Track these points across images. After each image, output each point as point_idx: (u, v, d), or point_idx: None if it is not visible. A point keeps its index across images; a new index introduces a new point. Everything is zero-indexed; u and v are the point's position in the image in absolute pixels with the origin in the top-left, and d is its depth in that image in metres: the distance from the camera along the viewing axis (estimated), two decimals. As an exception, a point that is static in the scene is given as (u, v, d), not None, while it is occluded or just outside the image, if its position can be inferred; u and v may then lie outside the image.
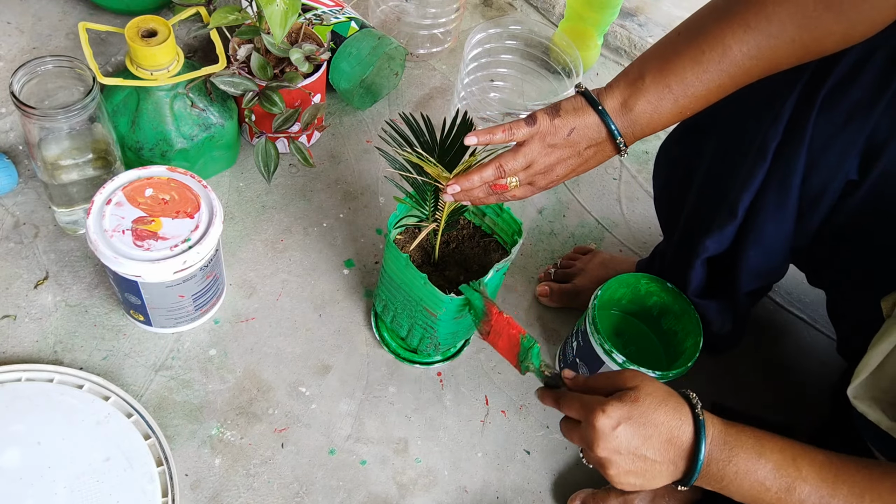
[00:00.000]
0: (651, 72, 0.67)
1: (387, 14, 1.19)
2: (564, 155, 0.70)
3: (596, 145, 0.70)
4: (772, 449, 0.59)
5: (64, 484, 0.76)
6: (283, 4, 0.82)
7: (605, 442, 0.60)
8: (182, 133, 0.93)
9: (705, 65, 0.64)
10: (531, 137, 0.69)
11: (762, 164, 0.70)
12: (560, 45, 1.05)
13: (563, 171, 0.72)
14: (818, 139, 0.67)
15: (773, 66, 0.64)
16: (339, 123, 1.12)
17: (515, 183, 0.72)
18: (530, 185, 0.73)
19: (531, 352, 0.68)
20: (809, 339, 1.03)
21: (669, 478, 0.61)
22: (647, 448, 0.60)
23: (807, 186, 0.70)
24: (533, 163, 0.70)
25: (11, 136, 1.01)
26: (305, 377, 0.89)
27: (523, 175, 0.72)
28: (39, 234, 0.94)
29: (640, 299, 0.89)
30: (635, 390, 0.61)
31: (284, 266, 0.97)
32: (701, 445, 0.59)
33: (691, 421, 0.60)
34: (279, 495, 0.81)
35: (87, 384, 0.82)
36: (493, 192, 0.73)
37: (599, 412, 0.60)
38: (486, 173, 0.71)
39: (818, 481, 0.57)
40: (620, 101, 0.68)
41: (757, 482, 0.58)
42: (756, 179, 0.71)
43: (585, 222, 1.09)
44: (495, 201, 0.75)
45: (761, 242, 0.75)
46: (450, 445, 0.87)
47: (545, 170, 0.71)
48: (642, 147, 1.18)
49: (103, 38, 1.12)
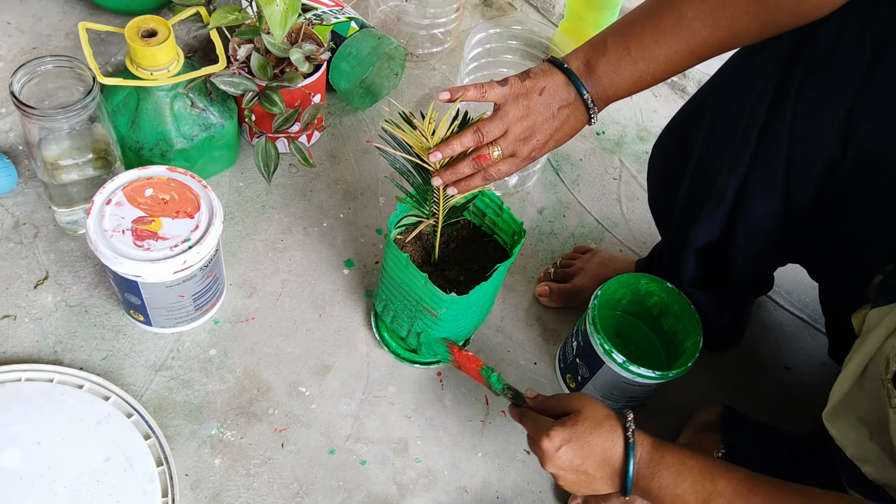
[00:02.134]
0: (612, 35, 0.71)
1: (387, 14, 1.19)
2: (540, 118, 0.72)
3: (568, 106, 0.72)
4: (692, 466, 0.65)
5: (64, 484, 0.76)
6: (283, 4, 0.82)
7: (550, 461, 0.69)
8: (182, 133, 0.93)
9: (662, 30, 0.68)
10: (505, 101, 0.71)
11: (747, 147, 0.71)
12: (560, 45, 1.05)
13: (542, 136, 0.73)
14: (800, 118, 0.67)
15: (731, 37, 0.67)
16: (339, 123, 1.12)
17: (498, 154, 0.73)
18: (513, 157, 0.74)
19: (490, 380, 0.78)
20: (810, 340, 1.03)
21: (611, 488, 0.69)
22: (586, 465, 0.68)
23: (792, 166, 0.70)
24: (510, 128, 0.72)
25: (11, 136, 1.01)
26: (305, 377, 0.89)
27: (504, 144, 0.72)
28: (39, 234, 0.94)
29: (640, 299, 0.89)
30: (576, 414, 0.69)
31: (284, 266, 0.97)
32: (629, 464, 0.67)
33: (622, 442, 0.68)
34: (279, 495, 0.81)
35: (87, 384, 0.82)
36: (478, 164, 0.73)
37: (545, 436, 0.69)
38: (465, 138, 0.72)
39: (732, 495, 0.63)
40: (583, 61, 0.72)
41: (677, 496, 0.65)
42: (742, 163, 0.72)
43: (585, 222, 1.09)
44: (481, 182, 0.75)
45: (751, 227, 0.75)
46: (450, 445, 0.87)
47: (524, 135, 0.72)
48: (642, 147, 1.18)
49: (103, 38, 1.12)
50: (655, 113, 1.24)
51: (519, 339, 0.96)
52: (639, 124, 1.22)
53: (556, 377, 0.94)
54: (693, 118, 0.80)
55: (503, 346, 0.95)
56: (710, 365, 0.96)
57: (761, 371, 0.99)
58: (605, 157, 1.17)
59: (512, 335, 0.97)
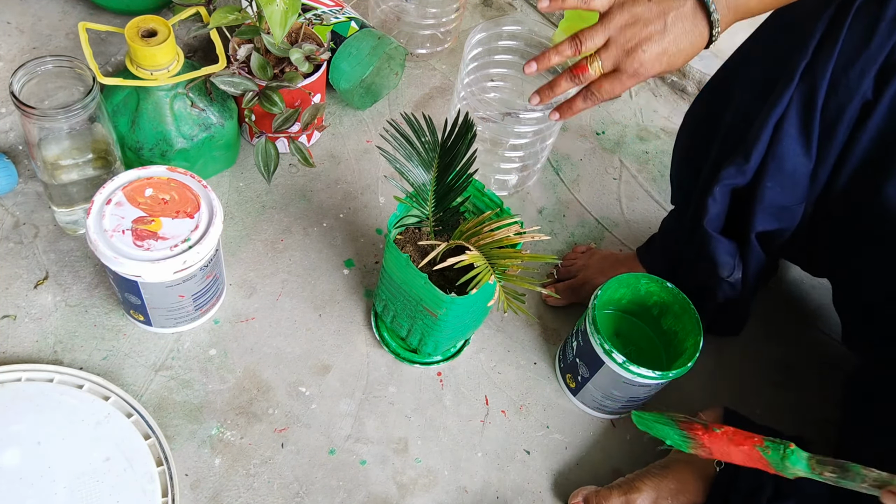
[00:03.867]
0: None
1: (387, 14, 1.19)
2: (650, 28, 0.65)
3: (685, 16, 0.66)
4: None
5: (64, 484, 0.76)
6: (283, 4, 0.82)
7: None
8: (182, 133, 0.93)
9: None
10: (611, 6, 0.67)
11: (789, 86, 0.69)
12: (560, 45, 1.05)
13: (652, 51, 0.66)
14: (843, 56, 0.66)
15: None
16: (339, 123, 1.12)
17: (598, 67, 0.68)
18: (617, 73, 0.68)
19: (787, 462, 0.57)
20: (810, 340, 1.03)
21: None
22: None
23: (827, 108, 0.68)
24: (613, 37, 0.67)
25: (11, 136, 1.01)
26: (305, 377, 0.89)
27: (605, 56, 0.67)
28: (39, 234, 0.94)
29: (640, 299, 0.89)
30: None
31: (284, 266, 0.97)
32: None
33: None
34: (279, 495, 0.81)
35: (87, 384, 0.82)
36: (576, 78, 0.68)
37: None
38: (563, 47, 0.67)
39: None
40: None
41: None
42: (782, 102, 0.69)
43: (585, 222, 1.09)
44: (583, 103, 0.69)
45: (781, 172, 0.73)
46: (450, 445, 0.87)
47: (629, 47, 0.66)
48: (642, 147, 1.18)
49: (103, 38, 1.12)
50: (655, 113, 1.24)
51: (519, 339, 0.96)
52: (639, 124, 1.22)
53: (556, 377, 0.94)
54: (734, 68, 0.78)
55: (503, 346, 0.95)
56: (711, 365, 0.96)
57: (761, 371, 0.99)
58: (605, 157, 1.17)
59: (512, 335, 0.97)
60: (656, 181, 1.15)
